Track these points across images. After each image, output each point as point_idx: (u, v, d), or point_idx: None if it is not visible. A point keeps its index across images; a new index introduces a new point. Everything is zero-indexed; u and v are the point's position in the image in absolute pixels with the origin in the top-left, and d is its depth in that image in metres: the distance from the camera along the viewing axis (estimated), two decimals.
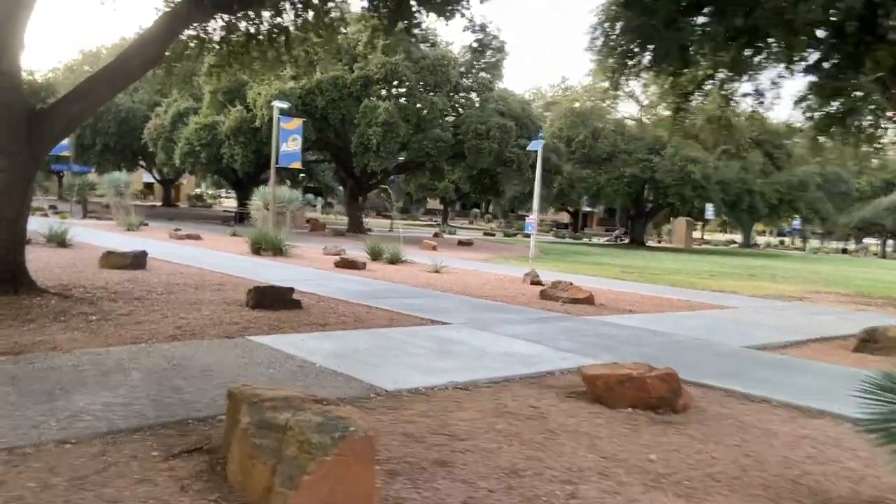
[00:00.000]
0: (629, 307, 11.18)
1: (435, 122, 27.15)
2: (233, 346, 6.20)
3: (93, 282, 9.60)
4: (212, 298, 8.87)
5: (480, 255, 24.20)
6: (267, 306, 8.13)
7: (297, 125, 21.05)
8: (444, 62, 28.02)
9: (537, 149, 22.39)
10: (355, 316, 8.31)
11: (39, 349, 5.60)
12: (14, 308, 6.93)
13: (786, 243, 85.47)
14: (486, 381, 5.58)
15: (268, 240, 18.03)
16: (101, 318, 6.95)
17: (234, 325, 7.10)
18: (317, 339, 6.76)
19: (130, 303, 7.97)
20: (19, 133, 7.27)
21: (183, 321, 7.12)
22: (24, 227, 7.59)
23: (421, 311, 9.09)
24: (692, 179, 35.28)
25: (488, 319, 8.78)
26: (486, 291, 12.18)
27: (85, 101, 7.54)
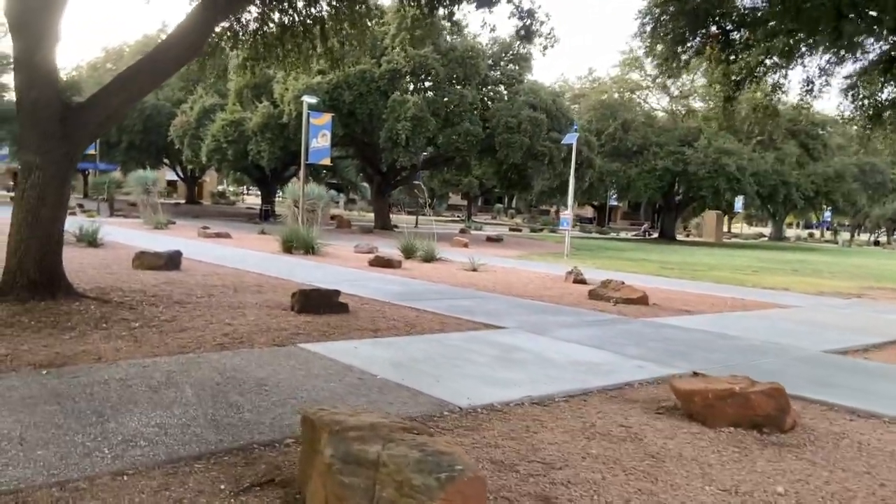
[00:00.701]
0: (684, 307, 10.64)
1: (464, 116, 26.63)
2: (285, 355, 5.80)
3: (129, 284, 9.28)
4: (254, 301, 8.49)
5: (512, 252, 23.71)
6: (313, 310, 7.73)
7: (327, 120, 20.68)
8: (472, 54, 27.47)
9: (572, 142, 21.82)
10: (405, 320, 7.88)
11: (83, 360, 5.24)
12: (53, 314, 6.59)
13: (814, 236, 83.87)
14: (562, 395, 5.12)
15: (299, 238, 17.69)
16: (143, 324, 6.59)
17: (282, 332, 6.70)
18: (370, 346, 6.34)
19: (172, 307, 7.61)
20: (55, 129, 6.93)
21: (229, 327, 6.73)
22: (62, 229, 7.25)
23: (470, 313, 8.65)
24: (726, 172, 34.36)
25: (542, 322, 8.32)
26: (531, 291, 11.70)
27: (123, 95, 7.17)
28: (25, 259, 6.90)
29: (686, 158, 35.61)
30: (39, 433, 3.73)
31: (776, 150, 37.98)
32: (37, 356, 5.26)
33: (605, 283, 11.10)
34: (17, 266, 6.90)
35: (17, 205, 6.96)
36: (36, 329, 6.05)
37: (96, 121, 7.16)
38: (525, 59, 31.01)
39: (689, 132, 37.30)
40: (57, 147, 6.94)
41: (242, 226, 30.13)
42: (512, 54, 30.96)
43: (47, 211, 6.98)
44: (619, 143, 37.29)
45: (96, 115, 7.14)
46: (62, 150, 6.99)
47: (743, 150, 35.69)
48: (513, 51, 30.93)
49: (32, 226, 6.90)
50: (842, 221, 78.73)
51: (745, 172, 34.81)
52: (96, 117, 7.15)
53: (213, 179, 76.84)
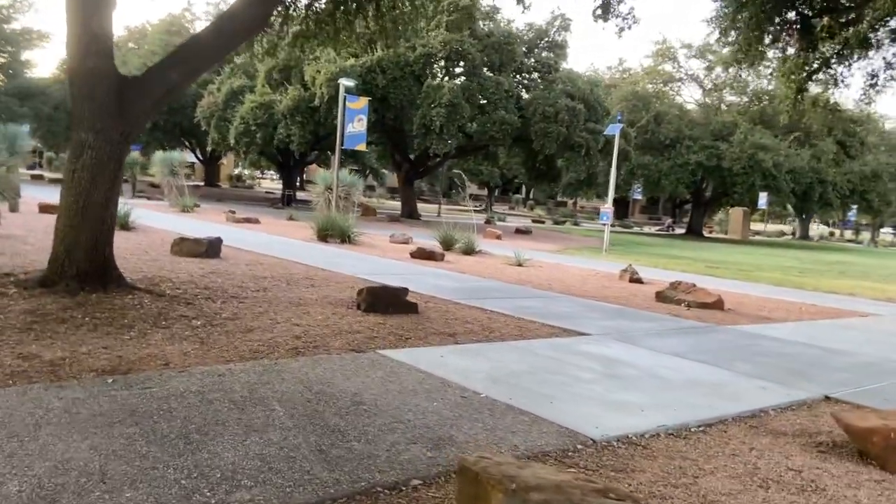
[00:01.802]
0: (761, 313, 9.92)
1: (500, 104, 25.84)
2: (368, 364, 5.17)
3: (176, 274, 8.69)
4: (311, 297, 7.87)
5: (547, 246, 23.01)
6: (381, 309, 7.10)
7: (363, 105, 19.98)
8: (510, 40, 26.63)
9: (615, 133, 21.03)
10: (479, 323, 7.23)
11: (149, 366, 4.64)
12: (107, 309, 5.99)
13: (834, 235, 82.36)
14: (696, 423, 4.46)
15: (335, 226, 17.09)
16: (205, 322, 5.97)
17: (355, 335, 6.07)
18: (457, 355, 5.70)
19: (230, 303, 7.00)
20: (111, 105, 6.30)
21: (297, 328, 6.11)
22: (114, 215, 6.66)
23: (542, 316, 7.99)
24: (762, 168, 33.34)
25: (625, 329, 7.65)
26: (591, 291, 11.02)
27: (183, 69, 6.53)
28: (75, 247, 6.31)
29: (720, 153, 34.60)
30: (123, 466, 3.12)
31: (812, 146, 36.91)
32: (98, 360, 4.66)
33: (674, 285, 10.40)
34: (66, 254, 6.31)
35: (67, 187, 6.36)
36: (92, 327, 5.45)
37: (155, 97, 6.53)
38: (560, 46, 30.13)
39: (723, 126, 36.25)
40: (113, 125, 6.32)
41: (266, 210, 29.60)
42: (547, 41, 30.09)
43: (99, 194, 6.36)
44: (652, 136, 36.34)
45: (155, 91, 6.51)
46: (118, 128, 6.37)
47: (779, 145, 34.65)
48: (548, 38, 30.05)
49: (83, 211, 6.30)
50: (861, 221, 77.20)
51: (781, 169, 33.79)
52: (155, 93, 6.51)
53: (229, 162, 76.39)
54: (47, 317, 5.57)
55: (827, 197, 38.23)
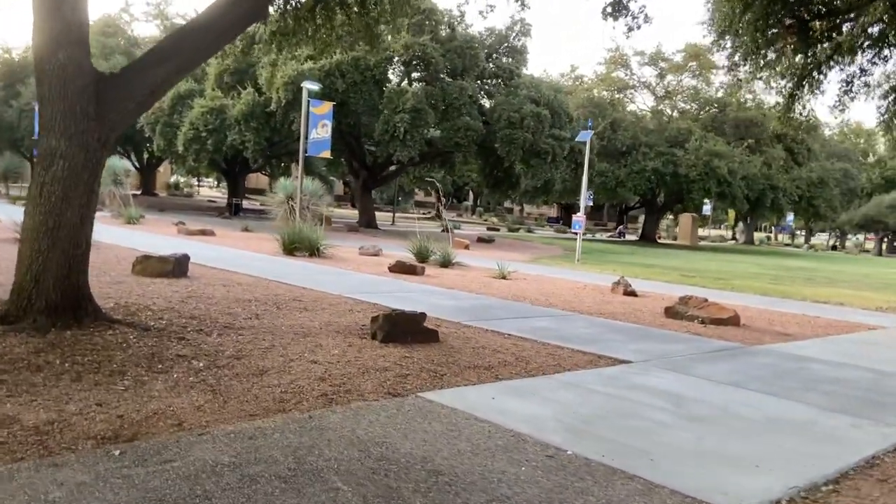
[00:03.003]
0: (776, 329, 9.50)
1: (464, 110, 25.19)
2: (417, 413, 4.36)
3: (150, 299, 7.66)
4: (313, 325, 6.99)
5: (515, 256, 22.46)
6: (399, 339, 6.29)
7: (328, 109, 19.01)
8: (473, 44, 26.02)
9: (586, 139, 20.66)
10: (508, 351, 6.49)
11: (160, 428, 3.73)
12: (88, 351, 4.99)
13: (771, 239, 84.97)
14: (821, 480, 3.82)
15: (303, 239, 16.09)
16: (208, 363, 5.05)
17: (384, 373, 5.25)
18: (508, 395, 4.94)
19: (226, 334, 6.06)
20: (86, 106, 5.32)
21: (316, 367, 5.25)
22: (90, 235, 5.63)
23: (565, 339, 7.33)
24: (717, 174, 33.72)
25: (658, 353, 7.04)
26: (593, 307, 10.42)
27: (169, 66, 5.58)
28: (44, 275, 5.28)
29: (676, 160, 34.87)
30: None
31: (762, 153, 37.63)
32: (94, 423, 3.73)
33: (684, 300, 9.88)
34: (34, 284, 5.28)
35: (34, 204, 5.33)
36: (75, 375, 4.47)
37: (137, 97, 5.56)
38: (520, 51, 29.74)
39: (678, 133, 36.57)
40: (88, 129, 5.33)
41: (215, 221, 28.19)
42: (507, 46, 29.64)
43: (73, 212, 5.36)
44: (609, 143, 36.37)
45: (137, 90, 5.54)
46: (94, 132, 5.38)
47: (733, 152, 35.15)
48: (508, 43, 29.61)
49: (54, 231, 5.28)
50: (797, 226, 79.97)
51: (735, 175, 34.25)
52: (137, 93, 5.54)
53: (165, 170, 73.54)
54: (17, 364, 4.56)
55: (779, 203, 39.07)
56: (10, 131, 42.97)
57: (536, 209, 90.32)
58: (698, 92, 41.17)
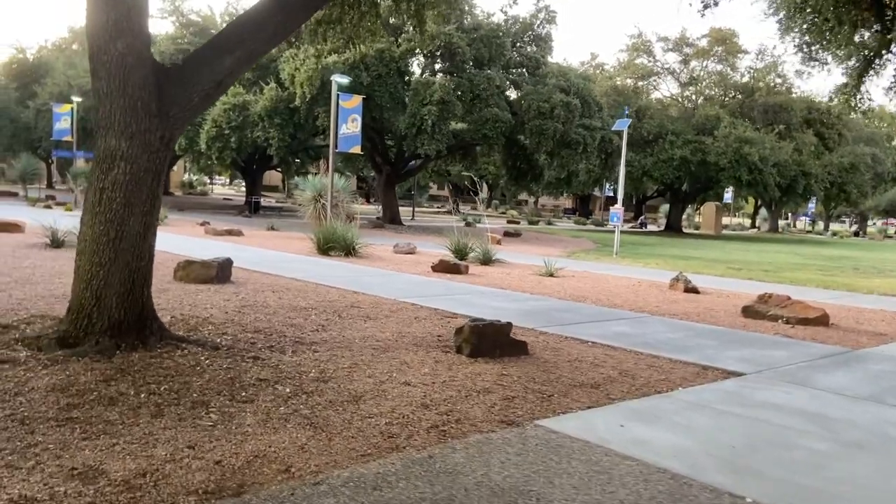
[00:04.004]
0: (867, 328, 8.83)
1: (491, 101, 24.51)
2: (548, 449, 3.79)
3: (205, 310, 7.14)
4: (386, 336, 6.42)
5: (549, 250, 21.77)
6: (487, 352, 5.71)
7: (357, 103, 18.41)
8: (498, 33, 25.31)
9: (623, 128, 19.97)
10: (607, 364, 5.89)
11: (267, 476, 3.18)
12: (161, 377, 4.44)
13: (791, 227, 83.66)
14: None
15: (337, 238, 15.54)
16: (294, 389, 4.49)
17: (487, 396, 4.68)
18: (635, 421, 4.36)
19: (300, 351, 5.50)
20: (147, 101, 4.76)
21: (412, 389, 4.68)
22: (153, 246, 5.08)
23: (654, 347, 6.74)
24: (748, 161, 32.85)
25: (763, 360, 6.42)
26: (661, 306, 9.80)
27: (239, 53, 5.00)
28: (106, 291, 4.74)
29: (705, 147, 34.00)
30: None
31: (792, 139, 36.66)
32: (191, 472, 3.17)
33: (764, 298, 9.23)
34: (95, 301, 4.74)
35: (92, 213, 4.78)
36: (154, 409, 3.92)
37: (202, 90, 4.99)
38: (545, 40, 28.97)
39: (706, 120, 35.67)
40: (151, 127, 4.77)
41: (236, 220, 27.74)
42: (531, 35, 28.88)
43: (136, 221, 4.81)
44: (634, 132, 35.50)
45: (202, 82, 4.97)
46: (157, 131, 4.82)
47: (764, 139, 34.24)
48: (532, 31, 28.86)
49: (116, 243, 4.74)
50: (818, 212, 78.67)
51: (767, 162, 33.36)
52: (202, 85, 4.97)
53: (179, 168, 73.31)
54: (87, 396, 4.02)
55: (811, 190, 38.13)
56: (27, 132, 42.70)
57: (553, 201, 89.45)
58: (725, 77, 40.21)
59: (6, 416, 3.67)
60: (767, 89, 39.27)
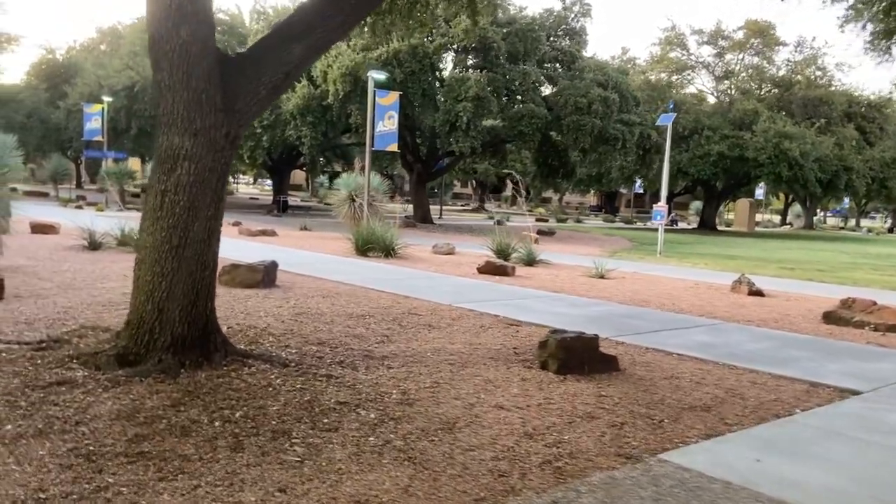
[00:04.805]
0: None
1: (527, 96, 23.91)
2: (686, 492, 3.28)
3: (260, 318, 6.72)
4: (454, 347, 5.94)
5: (588, 249, 21.19)
6: (576, 368, 5.19)
7: (394, 100, 17.96)
8: (533, 26, 24.70)
9: (668, 123, 19.30)
10: (709, 382, 5.35)
11: None
12: (234, 399, 3.99)
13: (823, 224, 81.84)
14: None
15: (376, 239, 15.10)
16: (380, 415, 4.02)
17: (592, 422, 4.17)
18: (770, 454, 3.83)
19: (372, 367, 5.04)
20: (212, 94, 4.31)
21: (507, 414, 4.19)
22: (217, 253, 4.64)
23: (747, 359, 6.20)
24: (788, 157, 31.85)
25: (873, 376, 5.84)
26: (732, 312, 9.21)
27: (307, 41, 4.54)
28: (168, 303, 4.31)
29: (743, 143, 33.06)
30: None
31: (832, 133, 35.57)
32: None
33: (847, 303, 8.61)
34: (157, 315, 4.31)
35: (153, 218, 4.35)
36: (232, 440, 3.47)
37: (269, 82, 4.53)
38: (579, 33, 28.29)
39: (744, 114, 34.71)
40: (216, 123, 4.33)
41: (266, 219, 27.46)
42: (565, 28, 28.21)
43: (200, 226, 4.37)
44: None
45: (269, 73, 4.51)
46: (222, 127, 4.38)
47: (805, 133, 33.22)
48: (566, 25, 28.20)
49: (179, 250, 4.30)
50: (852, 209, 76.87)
51: (808, 157, 32.35)
52: (269, 76, 4.52)
53: None
54: (156, 424, 3.57)
55: (852, 185, 36.98)
56: (58, 132, 42.82)
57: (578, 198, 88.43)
58: (762, 70, 39.13)
59: (69, 450, 3.24)
60: (807, 82, 38.21)
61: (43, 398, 3.83)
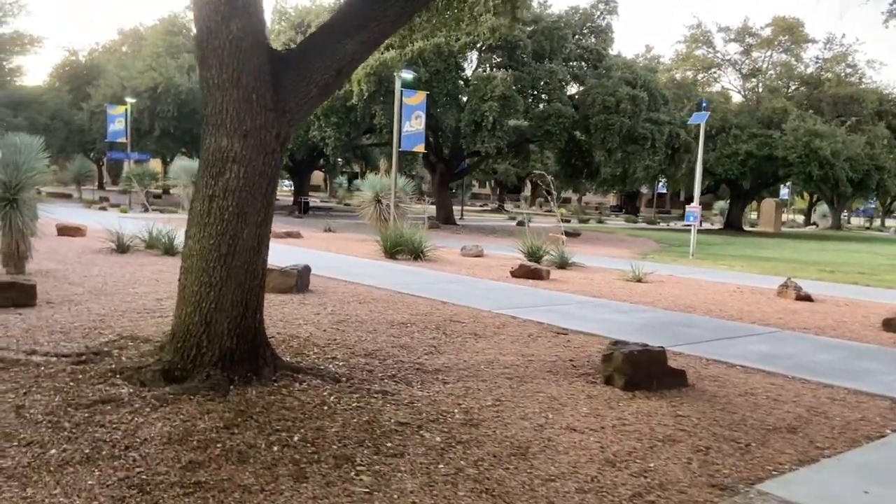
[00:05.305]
0: None
1: (554, 95, 23.54)
2: None
3: (300, 326, 6.48)
4: (507, 359, 5.64)
5: (616, 251, 20.81)
6: (643, 384, 4.87)
7: (421, 99, 17.71)
8: (559, 24, 24.30)
9: (702, 121, 18.86)
10: (786, 399, 5.00)
11: None
12: (289, 420, 3.71)
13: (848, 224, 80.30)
14: None
15: (405, 241, 14.84)
16: (445, 438, 3.72)
17: (675, 446, 3.85)
18: (877, 484, 3.49)
19: (427, 382, 4.74)
20: (263, 93, 4.04)
21: (582, 438, 3.87)
22: (266, 260, 4.37)
23: (816, 372, 5.86)
24: (819, 156, 31.15)
25: None
26: (784, 319, 8.80)
27: (361, 35, 4.26)
28: (217, 315, 4.05)
29: (772, 142, 32.37)
30: None
31: (863, 132, 34.77)
32: None
33: None
34: (204, 328, 4.05)
35: (200, 224, 4.09)
36: (295, 469, 3.18)
37: (321, 79, 4.25)
38: (605, 31, 27.84)
39: (773, 112, 34.02)
40: (266, 123, 4.06)
41: (290, 220, 27.29)
42: (590, 26, 27.78)
43: (249, 233, 4.11)
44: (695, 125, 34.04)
45: (321, 70, 4.23)
46: (272, 128, 4.11)
47: (835, 132, 32.49)
48: (592, 22, 27.76)
49: (227, 259, 4.04)
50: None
51: (839, 157, 31.62)
52: (321, 73, 4.24)
53: None
54: (212, 450, 3.29)
55: (884, 185, 36.12)
56: (81, 134, 43.02)
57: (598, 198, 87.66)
58: (791, 68, 38.36)
59: (120, 479, 2.97)
60: (837, 80, 37.42)
61: (88, 418, 3.57)
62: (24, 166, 9.76)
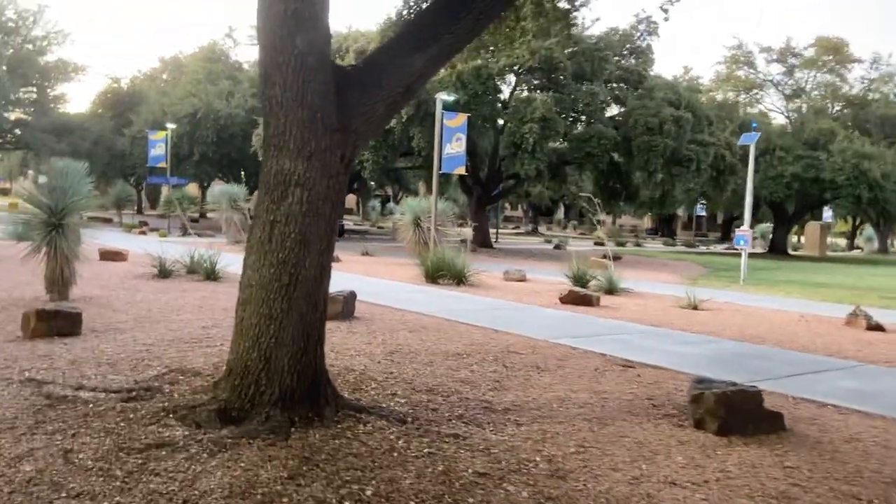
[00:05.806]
0: None
1: (595, 116, 23.15)
2: None
3: (353, 357, 6.15)
4: (578, 398, 5.22)
5: (662, 276, 20.22)
6: (738, 428, 4.41)
7: (462, 121, 17.48)
8: (600, 45, 23.98)
9: (751, 142, 18.29)
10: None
11: None
12: (358, 470, 3.35)
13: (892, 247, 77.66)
14: None
15: (447, 266, 14.51)
16: (533, 494, 3.32)
17: (793, 503, 3.38)
18: None
19: (499, 424, 4.35)
20: (328, 112, 3.75)
21: (684, 494, 3.45)
22: (328, 291, 4.05)
23: None
24: (868, 178, 30.19)
25: None
26: (864, 352, 8.22)
27: (431, 49, 3.95)
28: (277, 351, 3.73)
29: (819, 164, 31.50)
30: None
31: None
32: None
33: None
34: (263, 364, 3.73)
35: (260, 252, 3.79)
36: None
37: (388, 97, 3.96)
38: (645, 52, 27.44)
39: (819, 134, 33.15)
40: (332, 144, 3.76)
41: None
42: (630, 47, 27.41)
43: (312, 261, 3.80)
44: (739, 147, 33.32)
45: (388, 87, 3.94)
46: (338, 149, 3.81)
47: (884, 154, 31.50)
48: (631, 43, 27.40)
49: (289, 289, 3.73)
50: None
51: (889, 179, 30.58)
52: (388, 90, 3.94)
53: None
54: None
55: None
56: (122, 159, 43.79)
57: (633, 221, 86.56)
58: (837, 88, 37.49)
59: None
60: (885, 100, 36.41)
61: (141, 465, 3.26)
62: (70, 191, 9.70)
